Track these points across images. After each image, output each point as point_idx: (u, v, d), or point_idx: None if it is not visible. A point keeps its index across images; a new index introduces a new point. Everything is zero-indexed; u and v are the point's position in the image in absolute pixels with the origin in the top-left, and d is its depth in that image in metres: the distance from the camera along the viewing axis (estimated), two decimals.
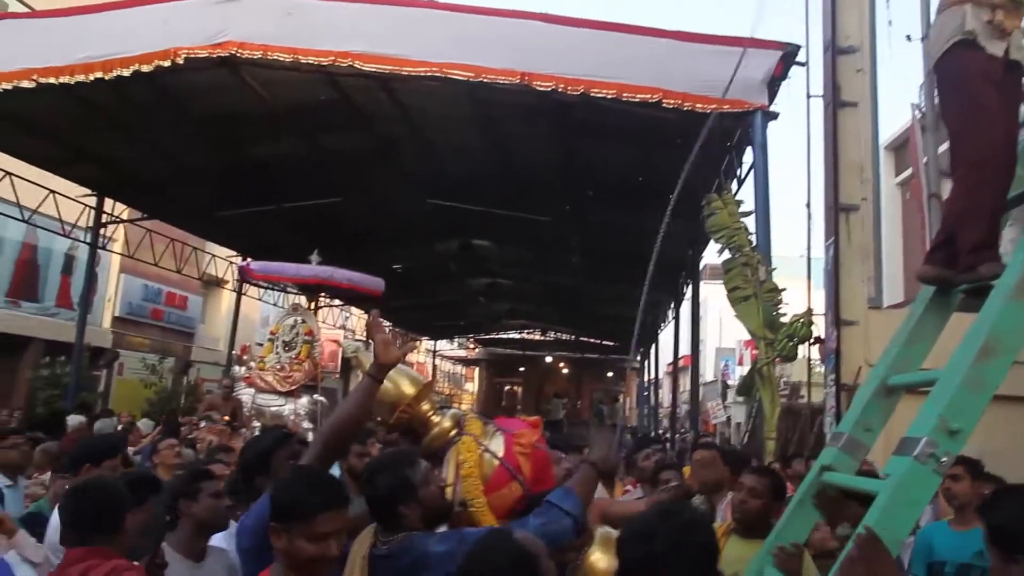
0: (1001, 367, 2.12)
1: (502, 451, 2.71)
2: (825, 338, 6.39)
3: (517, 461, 2.70)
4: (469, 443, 2.70)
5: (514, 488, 2.67)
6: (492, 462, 2.68)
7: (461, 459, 2.65)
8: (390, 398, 2.73)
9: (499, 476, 2.66)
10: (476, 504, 2.58)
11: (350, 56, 7.89)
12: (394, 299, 18.76)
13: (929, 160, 9.01)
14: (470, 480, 2.60)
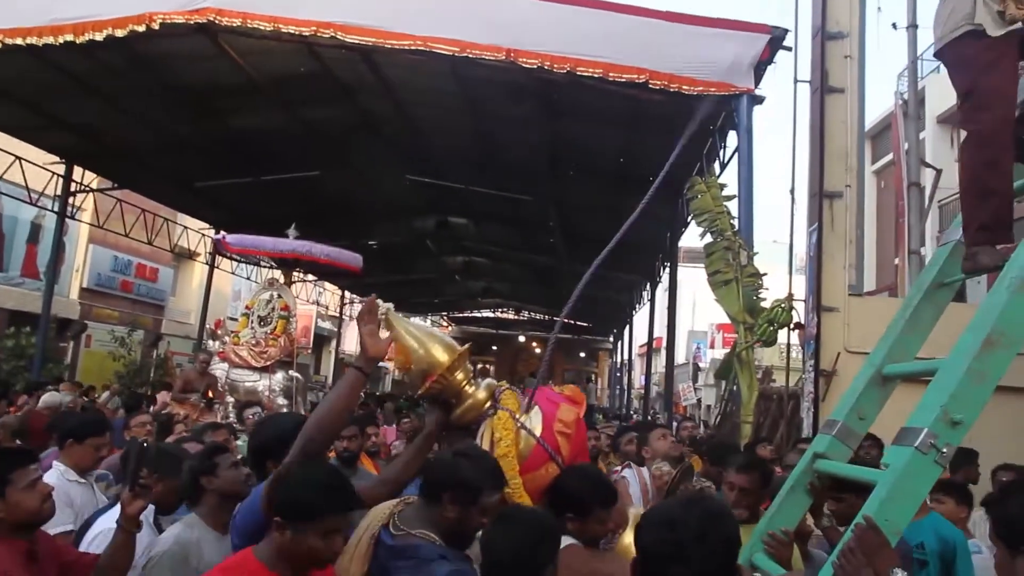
0: (1004, 359, 2.12)
1: (539, 429, 2.59)
2: (805, 324, 6.43)
3: (556, 441, 2.59)
4: (506, 419, 2.56)
5: (551, 469, 2.57)
6: (529, 441, 2.56)
7: (497, 437, 2.52)
8: (422, 366, 2.53)
9: (536, 456, 2.56)
10: (512, 485, 2.46)
11: (332, 27, 7.71)
12: (369, 275, 18.62)
13: (910, 148, 9.12)
14: (507, 460, 2.46)
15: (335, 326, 29.70)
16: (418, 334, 2.59)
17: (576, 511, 2.50)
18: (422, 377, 2.54)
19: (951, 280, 2.73)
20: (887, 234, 15.48)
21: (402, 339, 2.55)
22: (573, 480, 2.57)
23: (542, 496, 2.55)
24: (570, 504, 2.51)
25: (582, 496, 2.52)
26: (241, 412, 6.39)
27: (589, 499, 2.51)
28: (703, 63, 7.08)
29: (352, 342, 33.17)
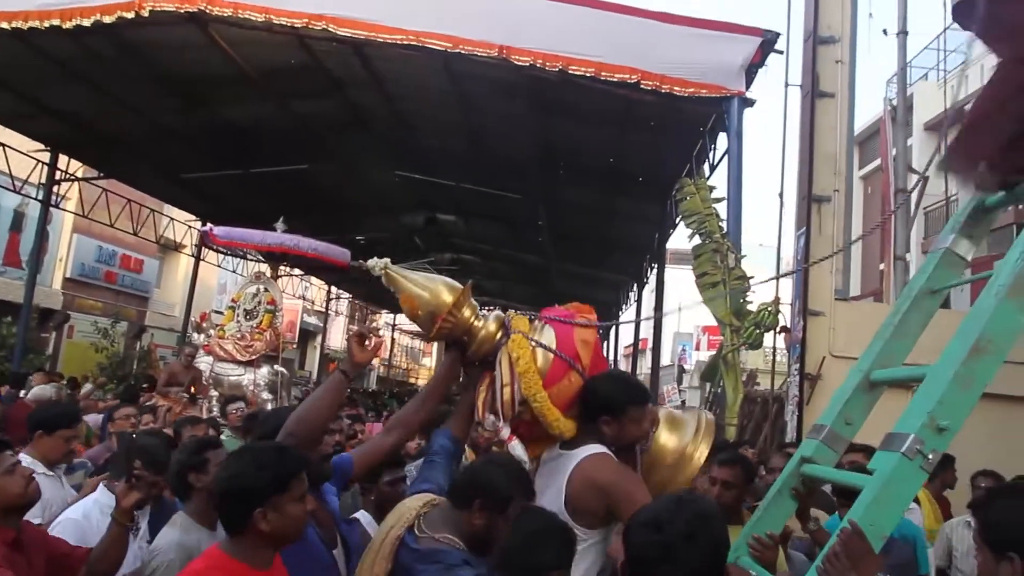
0: (991, 366, 2.12)
1: (554, 343, 2.62)
2: (791, 327, 6.45)
3: (575, 349, 2.62)
4: (520, 340, 2.59)
5: (574, 379, 2.60)
6: (547, 355, 2.59)
7: (515, 356, 2.54)
8: (429, 309, 2.59)
9: (556, 368, 2.58)
10: (538, 399, 2.50)
11: (324, 19, 7.67)
12: (356, 270, 18.51)
13: (897, 154, 9.17)
14: (528, 376, 2.51)
15: (321, 321, 29.60)
16: (420, 280, 2.66)
17: (611, 412, 2.54)
18: (431, 320, 2.60)
19: (940, 287, 2.73)
20: (873, 240, 15.58)
21: (406, 288, 2.62)
22: (603, 382, 2.64)
23: (571, 405, 2.59)
24: (604, 406, 2.55)
25: (615, 396, 2.57)
26: (225, 406, 6.34)
27: (622, 398, 2.56)
28: (695, 64, 7.09)
29: (338, 338, 33.09)
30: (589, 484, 2.43)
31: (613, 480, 2.44)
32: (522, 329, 2.65)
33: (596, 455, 2.49)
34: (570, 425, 2.56)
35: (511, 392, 2.51)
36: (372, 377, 36.26)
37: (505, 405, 2.52)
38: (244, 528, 2.00)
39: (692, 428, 2.77)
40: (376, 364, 37.75)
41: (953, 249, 2.75)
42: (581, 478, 2.45)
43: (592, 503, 2.43)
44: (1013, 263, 2.20)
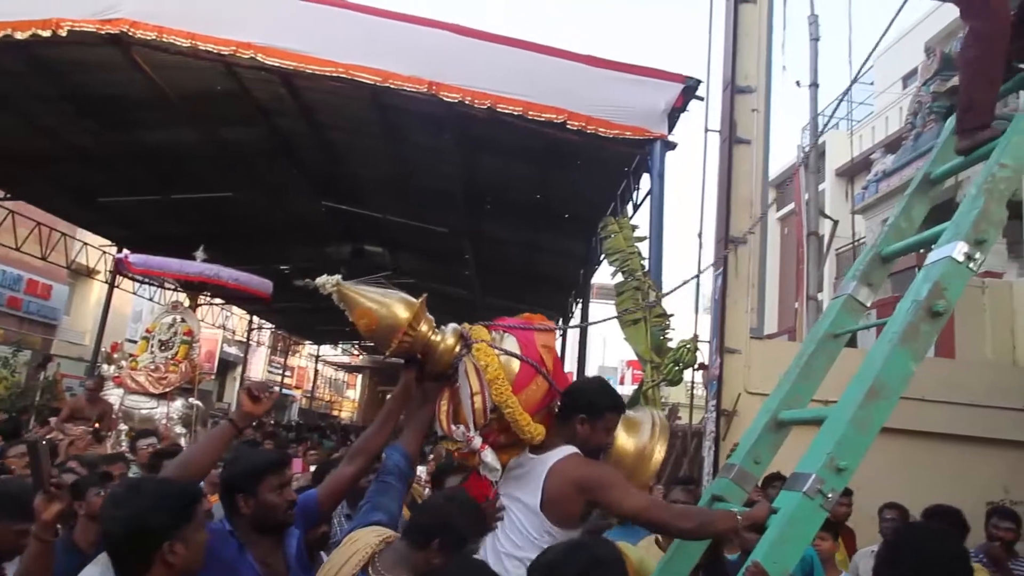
0: (886, 409, 2.23)
1: (518, 349, 2.67)
2: (709, 364, 6.62)
3: (539, 354, 2.69)
4: (485, 348, 2.63)
5: (540, 383, 2.66)
6: (512, 362, 2.64)
7: (483, 364, 2.58)
8: (387, 324, 2.55)
9: (523, 374, 2.64)
10: (510, 404, 2.55)
11: (252, 48, 7.60)
12: (280, 300, 18.12)
13: (810, 199, 9.62)
14: (498, 383, 2.55)
15: (241, 351, 28.73)
16: (376, 296, 2.61)
17: (588, 412, 2.64)
18: (389, 336, 2.56)
19: (842, 331, 2.87)
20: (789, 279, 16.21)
21: (361, 305, 2.57)
22: (590, 384, 2.85)
23: (539, 410, 2.64)
24: (583, 405, 2.66)
25: (598, 399, 2.69)
26: (135, 442, 6.05)
27: (604, 403, 2.69)
28: (619, 107, 7.30)
29: (259, 369, 32.17)
30: (566, 482, 2.51)
31: (588, 474, 2.53)
32: (484, 338, 2.69)
33: (569, 455, 2.59)
34: (540, 429, 2.63)
35: (482, 400, 2.53)
36: (294, 409, 35.38)
37: (477, 414, 2.54)
38: (148, 568, 1.92)
39: (648, 428, 2.88)
40: (298, 396, 36.86)
41: (854, 295, 2.91)
42: (557, 478, 2.53)
43: (570, 501, 2.51)
44: (905, 312, 2.33)
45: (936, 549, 1.96)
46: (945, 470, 6.31)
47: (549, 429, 2.67)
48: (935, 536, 2.04)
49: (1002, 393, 6.57)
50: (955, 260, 2.34)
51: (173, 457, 4.15)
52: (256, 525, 2.41)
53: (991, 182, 2.45)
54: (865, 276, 2.92)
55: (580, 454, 2.60)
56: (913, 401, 6.33)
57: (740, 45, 6.75)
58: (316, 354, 34.64)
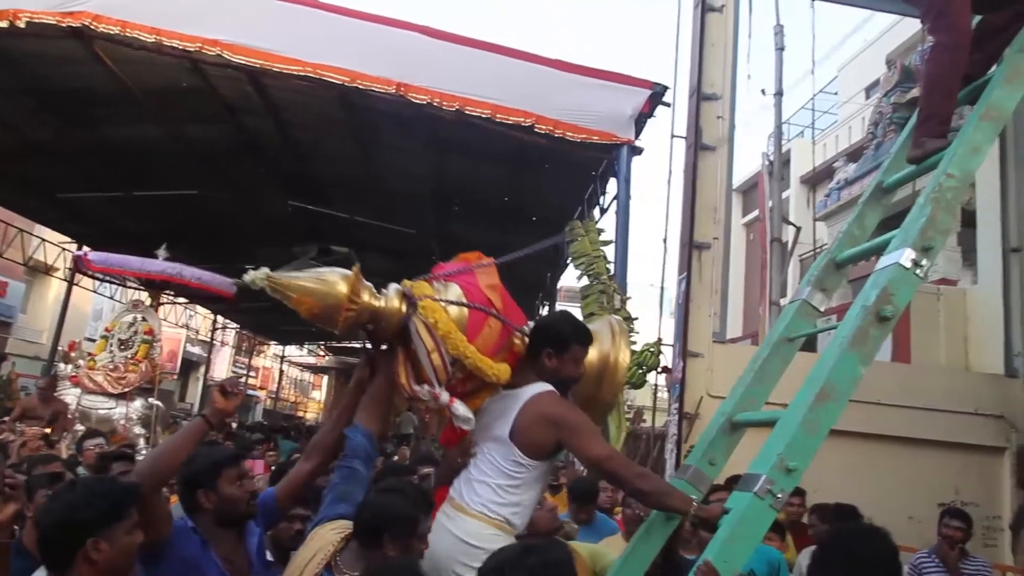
0: (835, 411, 2.29)
1: (464, 297, 2.65)
2: (672, 368, 6.70)
3: (484, 296, 2.68)
4: (430, 304, 2.58)
5: (493, 324, 2.66)
6: (461, 311, 2.60)
7: (432, 321, 2.53)
8: (328, 303, 2.49)
9: (474, 320, 2.62)
10: (469, 354, 2.53)
11: (219, 45, 7.51)
12: (245, 300, 17.89)
13: (774, 206, 9.77)
14: (452, 336, 2.52)
15: (205, 351, 28.33)
16: (308, 278, 2.56)
17: (556, 346, 2.67)
18: (334, 313, 2.51)
19: (796, 336, 2.93)
20: (754, 284, 16.43)
21: (296, 290, 2.51)
22: (555, 318, 2.94)
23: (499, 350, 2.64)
24: (550, 338, 2.70)
25: (564, 332, 2.72)
26: (81, 442, 5.86)
27: (570, 335, 2.71)
28: (587, 112, 7.35)
29: (223, 369, 31.74)
30: (540, 417, 2.56)
31: (563, 414, 2.57)
32: (427, 294, 2.64)
33: (546, 391, 2.63)
34: (505, 368, 2.63)
35: (439, 356, 2.52)
36: (258, 410, 34.96)
37: (438, 371, 2.52)
38: (71, 564, 1.91)
39: (608, 336, 2.90)
40: (263, 396, 36.44)
41: (808, 301, 2.97)
42: (532, 412, 2.58)
43: (542, 435, 2.56)
44: (854, 317, 2.40)
45: (868, 549, 2.01)
46: (899, 472, 6.47)
47: (515, 366, 2.69)
48: (867, 536, 2.09)
49: (955, 397, 6.74)
50: (903, 266, 2.40)
51: (120, 459, 4.11)
52: (219, 519, 2.45)
53: (938, 191, 2.52)
54: (819, 282, 2.99)
55: (555, 392, 2.64)
56: (869, 405, 6.48)
57: (706, 53, 6.85)
58: (281, 355, 34.26)
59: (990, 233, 7.43)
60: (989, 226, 7.45)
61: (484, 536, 2.46)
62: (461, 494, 2.56)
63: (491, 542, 2.41)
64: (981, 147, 2.63)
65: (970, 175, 2.59)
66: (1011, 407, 6.74)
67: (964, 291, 8.15)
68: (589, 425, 2.59)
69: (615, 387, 2.89)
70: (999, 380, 6.96)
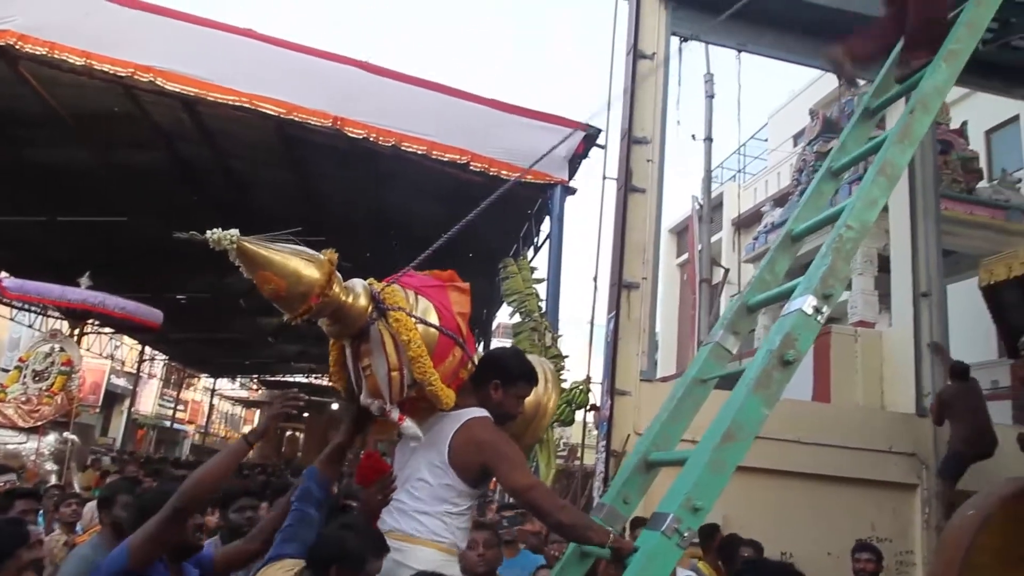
0: (740, 451, 2.37)
1: (436, 318, 2.52)
2: (600, 406, 6.77)
3: (456, 323, 2.58)
4: (406, 321, 2.40)
5: (456, 354, 2.57)
6: (430, 332, 2.47)
7: (405, 339, 2.38)
8: (299, 289, 2.25)
9: (442, 346, 2.50)
10: (433, 381, 2.43)
11: (152, 71, 7.43)
12: (176, 330, 17.45)
13: (703, 248, 10.05)
14: (422, 360, 2.39)
15: (131, 383, 27.31)
16: (283, 250, 2.30)
17: (503, 378, 2.68)
18: (300, 300, 2.29)
19: (709, 377, 3.03)
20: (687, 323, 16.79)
21: (267, 264, 2.25)
22: (508, 353, 2.94)
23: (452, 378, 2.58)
24: (501, 370, 2.70)
25: (513, 367, 2.73)
26: None
27: (518, 371, 2.72)
28: (522, 151, 7.50)
29: (149, 402, 30.62)
30: (470, 440, 2.52)
31: (493, 440, 2.54)
32: (399, 304, 2.45)
33: (480, 416, 2.59)
34: (452, 394, 2.55)
35: (400, 377, 2.41)
36: (186, 445, 33.80)
37: (395, 391, 2.43)
38: None
39: (542, 381, 2.87)
40: (191, 431, 35.27)
41: (721, 343, 3.08)
42: (464, 435, 2.53)
43: (471, 458, 2.52)
44: (760, 360, 2.49)
45: None
46: (819, 509, 6.65)
47: (458, 391, 2.63)
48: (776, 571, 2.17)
49: (870, 436, 6.99)
50: (805, 313, 2.52)
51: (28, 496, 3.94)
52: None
53: (839, 241, 2.66)
54: (732, 325, 3.10)
55: (489, 417, 2.61)
56: (790, 443, 6.67)
57: (637, 99, 7.06)
58: (212, 388, 33.29)
59: (903, 278, 7.79)
60: (902, 272, 7.81)
61: (439, 563, 2.43)
62: (400, 526, 2.50)
63: (447, 568, 2.42)
64: (878, 200, 2.80)
65: (868, 226, 2.74)
66: (922, 445, 7.02)
67: (880, 333, 8.49)
68: (518, 455, 2.58)
69: (540, 431, 2.91)
70: (911, 419, 7.24)
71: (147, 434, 30.82)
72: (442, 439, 2.56)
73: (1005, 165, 12.07)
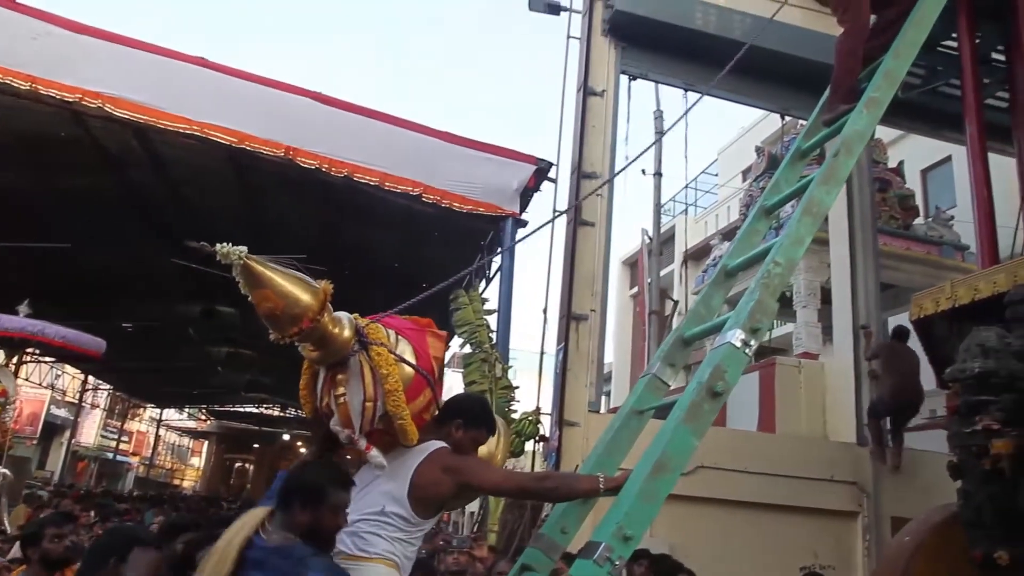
0: (670, 481, 2.43)
1: (413, 357, 2.68)
2: (549, 437, 6.82)
3: (431, 365, 2.73)
4: (386, 356, 2.57)
5: (427, 395, 2.71)
6: (406, 370, 2.63)
7: (384, 373, 2.54)
8: (294, 312, 2.37)
9: (416, 384, 2.66)
10: (404, 416, 2.56)
11: (101, 97, 7.34)
12: (122, 359, 16.99)
13: (652, 281, 10.23)
14: (396, 395, 2.54)
15: (72, 414, 26.42)
16: (281, 274, 2.41)
17: (466, 421, 2.81)
18: (293, 321, 2.40)
19: (645, 408, 3.10)
20: (638, 354, 16.96)
21: (269, 284, 2.37)
22: (473, 398, 3.15)
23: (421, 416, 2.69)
24: (463, 412, 2.85)
25: (476, 412, 2.88)
26: None
27: (479, 417, 2.86)
28: (475, 184, 7.60)
29: (91, 433, 29.65)
30: (440, 468, 2.63)
31: (457, 460, 2.68)
32: (382, 340, 2.61)
33: (443, 448, 2.71)
34: (417, 433, 2.67)
35: (373, 408, 2.54)
36: (129, 478, 32.78)
37: (366, 420, 2.55)
38: None
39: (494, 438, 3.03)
40: (135, 463, 34.21)
41: (657, 375, 3.16)
42: (428, 466, 2.63)
43: (441, 486, 2.63)
44: (690, 393, 2.57)
45: None
46: (764, 537, 6.77)
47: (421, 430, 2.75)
48: None
49: (813, 465, 7.16)
50: (734, 346, 2.61)
51: None
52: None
53: (767, 277, 2.78)
54: (668, 357, 3.18)
55: (448, 448, 2.74)
56: (736, 473, 6.80)
57: (587, 134, 7.23)
58: (158, 418, 32.41)
59: (843, 311, 8.04)
60: (842, 304, 8.07)
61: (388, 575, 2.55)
62: (350, 547, 2.55)
63: None
64: (804, 239, 2.93)
65: (794, 263, 2.87)
66: (862, 474, 7.21)
67: (823, 364, 8.74)
68: (481, 461, 2.79)
69: None
70: (852, 448, 7.44)
71: (88, 467, 29.79)
72: (404, 472, 2.65)
73: (939, 203, 12.58)
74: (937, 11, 3.90)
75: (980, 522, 3.57)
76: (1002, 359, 3.58)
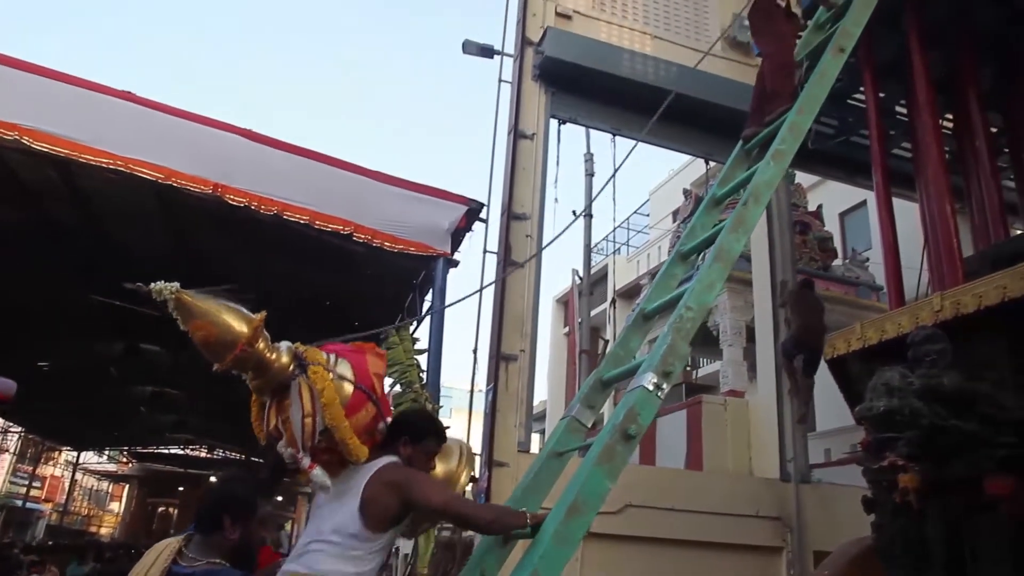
0: (585, 524, 2.47)
1: (352, 375, 2.81)
2: (479, 477, 6.79)
3: (371, 381, 2.87)
4: (321, 372, 2.72)
5: (369, 410, 2.82)
6: (345, 386, 2.76)
7: (320, 388, 2.67)
8: (226, 339, 2.56)
9: (356, 400, 2.78)
10: (342, 429, 2.65)
11: (18, 129, 7.10)
12: (37, 400, 16.24)
13: (583, 320, 10.37)
14: (333, 407, 2.65)
15: None
16: (216, 307, 2.60)
17: (412, 436, 2.91)
18: (225, 349, 2.56)
19: (564, 450, 3.14)
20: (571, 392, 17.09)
21: (201, 315, 2.55)
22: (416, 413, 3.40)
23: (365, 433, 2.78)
24: (408, 427, 2.94)
25: (421, 425, 2.99)
26: None
27: (427, 429, 2.97)
28: (405, 223, 7.60)
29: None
30: (385, 483, 2.70)
31: (404, 475, 2.76)
32: (320, 361, 2.79)
33: (391, 461, 2.82)
34: (364, 450, 2.77)
35: (312, 423, 2.62)
36: (40, 526, 31.07)
37: (306, 435, 2.62)
38: None
39: (456, 455, 3.15)
40: (47, 510, 32.47)
41: (576, 417, 3.21)
42: (377, 481, 2.71)
43: (387, 501, 2.68)
44: (605, 435, 2.63)
45: None
46: (690, 574, 6.84)
47: (372, 450, 2.84)
48: None
49: (739, 501, 7.31)
50: (647, 389, 2.69)
51: None
52: None
53: (679, 322, 2.87)
54: (587, 399, 3.24)
55: (400, 462, 2.82)
56: (664, 511, 6.89)
57: (517, 176, 7.37)
58: (75, 461, 30.89)
59: (766, 349, 8.30)
60: (765, 343, 8.33)
61: None
62: (308, 566, 2.58)
63: None
64: (715, 284, 3.04)
65: (706, 307, 2.98)
66: (786, 509, 7.39)
67: (747, 402, 8.97)
68: (424, 477, 2.83)
69: None
70: (776, 484, 7.63)
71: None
72: (355, 491, 2.71)
73: (856, 245, 13.18)
74: (837, 69, 4.15)
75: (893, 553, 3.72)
76: (905, 398, 3.77)
